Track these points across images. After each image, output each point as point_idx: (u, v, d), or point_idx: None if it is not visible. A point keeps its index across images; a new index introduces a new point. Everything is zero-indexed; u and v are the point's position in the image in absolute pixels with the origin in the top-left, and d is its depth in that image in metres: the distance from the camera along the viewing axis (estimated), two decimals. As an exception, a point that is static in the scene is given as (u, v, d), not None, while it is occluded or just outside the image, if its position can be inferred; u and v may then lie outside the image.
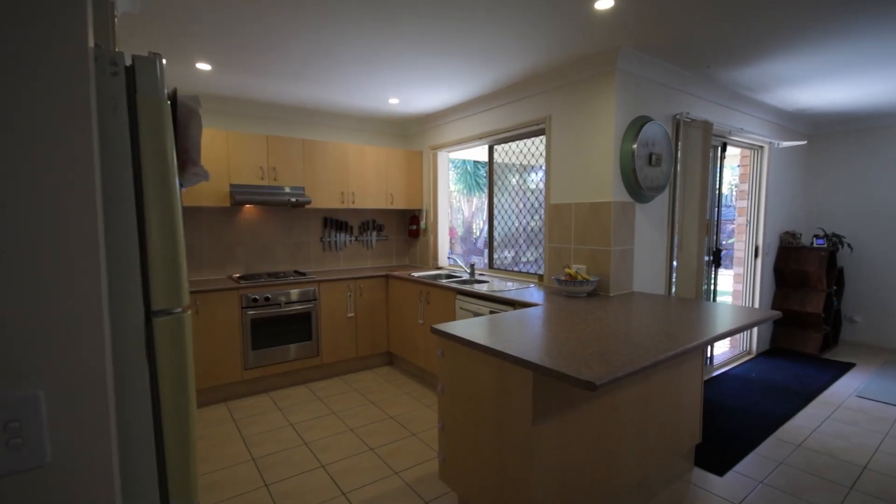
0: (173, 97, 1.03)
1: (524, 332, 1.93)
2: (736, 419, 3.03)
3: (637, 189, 2.91)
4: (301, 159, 3.87)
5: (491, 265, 4.05)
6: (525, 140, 3.70)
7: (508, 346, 1.71)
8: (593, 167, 2.95)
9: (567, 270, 2.89)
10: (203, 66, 2.93)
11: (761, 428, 2.91)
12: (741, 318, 2.15)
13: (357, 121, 4.49)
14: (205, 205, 3.46)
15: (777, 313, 2.24)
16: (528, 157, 3.73)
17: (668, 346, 1.70)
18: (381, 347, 4.14)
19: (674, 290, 3.33)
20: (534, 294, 2.93)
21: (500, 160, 3.98)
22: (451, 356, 2.00)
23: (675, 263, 3.33)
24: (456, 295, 3.28)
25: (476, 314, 3.07)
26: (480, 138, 3.91)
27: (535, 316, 2.27)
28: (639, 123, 2.89)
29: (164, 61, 0.93)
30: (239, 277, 3.69)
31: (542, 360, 1.53)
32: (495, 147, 3.99)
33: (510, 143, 3.85)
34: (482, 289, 3.15)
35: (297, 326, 3.65)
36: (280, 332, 3.57)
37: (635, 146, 2.83)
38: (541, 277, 3.40)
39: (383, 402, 3.34)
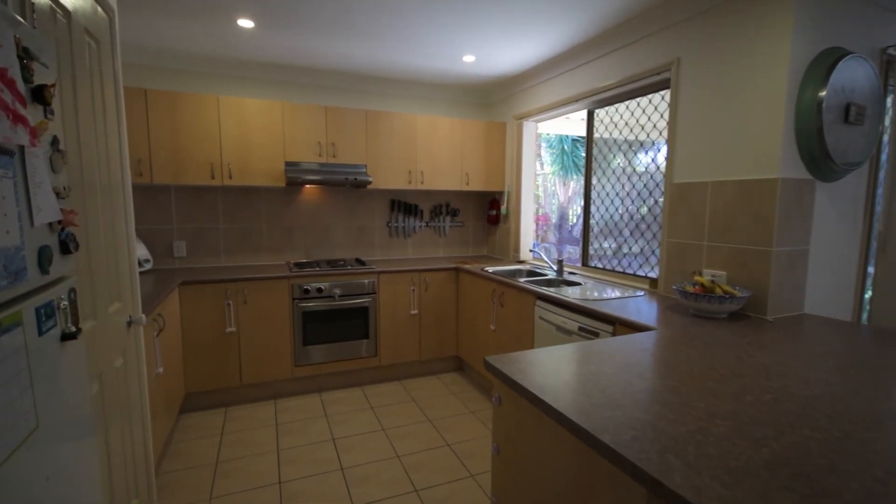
0: None
1: (631, 386, 1.19)
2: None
3: (823, 160, 1.91)
4: (363, 133, 3.40)
5: (585, 261, 3.24)
6: (639, 100, 2.79)
7: (604, 416, 1.00)
8: (747, 128, 2.01)
9: (698, 279, 2.01)
10: (245, 24, 2.55)
11: None
12: None
13: (427, 88, 3.90)
14: (260, 185, 3.15)
15: None
16: (648, 128, 2.82)
17: (939, 459, 0.85)
18: (449, 351, 3.58)
19: (866, 311, 2.24)
20: (644, 308, 2.11)
21: (604, 134, 3.11)
22: (510, 407, 1.34)
23: (869, 271, 2.24)
24: (536, 300, 2.57)
25: (560, 329, 2.33)
26: (577, 100, 3.08)
27: (646, 350, 1.49)
28: (829, 59, 1.88)
29: None
30: (296, 264, 3.38)
31: (670, 474, 0.80)
32: (597, 112, 3.13)
33: (618, 107, 2.96)
34: (571, 294, 2.40)
35: (353, 322, 3.23)
36: (334, 327, 3.18)
37: (823, 94, 1.84)
38: (654, 283, 2.53)
39: (443, 423, 2.78)
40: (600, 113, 3.09)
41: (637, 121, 2.80)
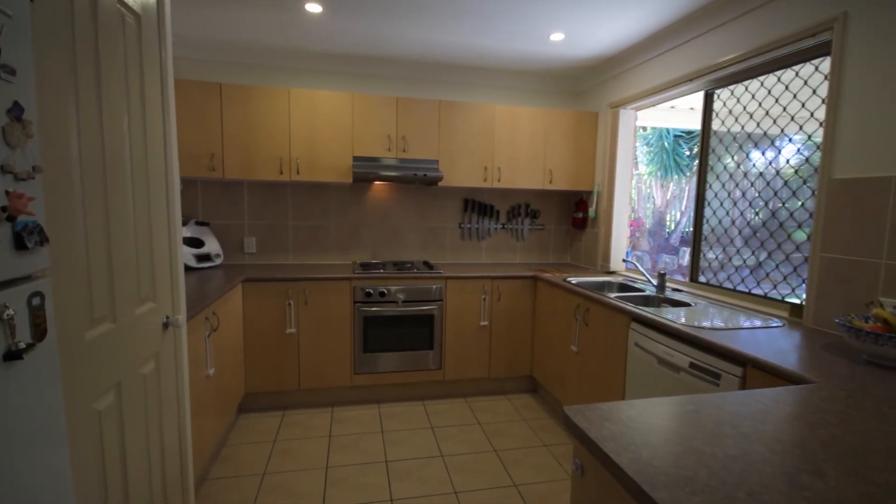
0: None
1: (802, 488, 0.74)
2: None
3: None
4: (436, 126, 3.14)
5: (694, 276, 2.65)
6: (779, 74, 2.18)
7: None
8: (969, 96, 1.38)
9: (878, 311, 1.42)
10: (313, 8, 2.40)
11: None
12: None
13: (507, 76, 3.53)
14: (327, 181, 3.02)
15: None
16: (792, 109, 2.19)
17: None
18: (522, 370, 3.18)
19: None
20: (786, 346, 1.56)
21: (726, 121, 2.51)
22: (598, 486, 0.94)
23: None
24: (630, 321, 2.10)
25: (662, 362, 1.84)
26: (691, 79, 2.53)
27: (810, 419, 1.01)
28: None
29: None
30: (361, 265, 3.21)
31: None
32: (718, 94, 2.53)
33: (749, 86, 2.35)
34: (678, 318, 1.89)
35: (417, 331, 2.98)
36: (396, 334, 2.95)
37: None
38: (796, 310, 1.92)
39: (510, 455, 2.41)
40: (723, 94, 2.49)
41: (777, 100, 2.19)
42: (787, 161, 2.15)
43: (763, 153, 2.27)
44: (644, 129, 6.11)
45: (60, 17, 1.00)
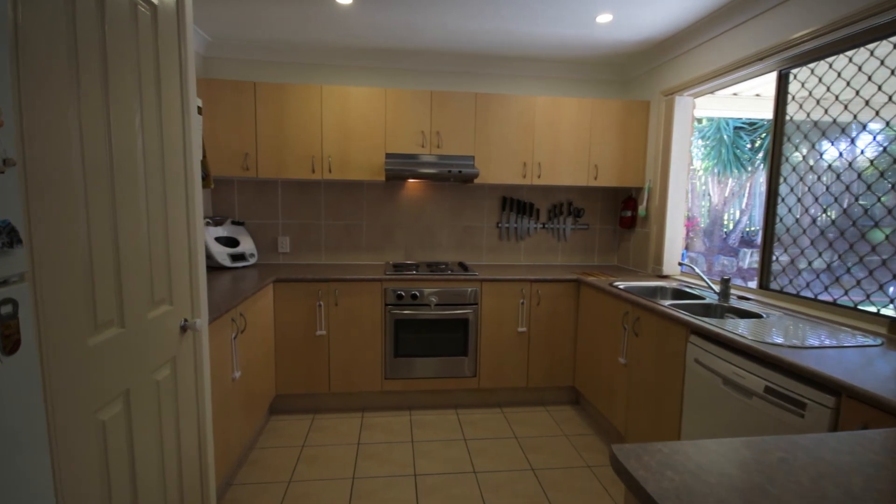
0: None
1: None
2: None
3: None
4: (472, 120, 2.98)
5: (764, 282, 2.33)
6: (871, 48, 1.85)
7: None
8: None
9: None
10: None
11: None
12: None
13: (548, 65, 3.30)
14: (360, 179, 2.94)
15: None
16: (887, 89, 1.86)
17: None
18: (563, 380, 2.97)
19: None
20: (885, 369, 1.28)
21: (805, 105, 2.19)
22: (657, 548, 0.75)
23: None
24: (689, 334, 1.85)
25: (729, 383, 1.59)
26: (761, 59, 2.22)
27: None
28: None
29: None
30: (394, 265, 3.11)
31: None
32: (795, 73, 2.21)
33: (831, 63, 2.02)
34: (747, 332, 1.63)
35: (451, 336, 2.83)
36: (429, 339, 2.82)
37: None
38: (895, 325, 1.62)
39: (549, 476, 2.21)
40: (801, 74, 2.17)
41: (870, 78, 1.86)
42: (884, 148, 1.82)
43: (853, 141, 1.94)
44: (699, 121, 5.66)
45: (57, 2, 0.93)
